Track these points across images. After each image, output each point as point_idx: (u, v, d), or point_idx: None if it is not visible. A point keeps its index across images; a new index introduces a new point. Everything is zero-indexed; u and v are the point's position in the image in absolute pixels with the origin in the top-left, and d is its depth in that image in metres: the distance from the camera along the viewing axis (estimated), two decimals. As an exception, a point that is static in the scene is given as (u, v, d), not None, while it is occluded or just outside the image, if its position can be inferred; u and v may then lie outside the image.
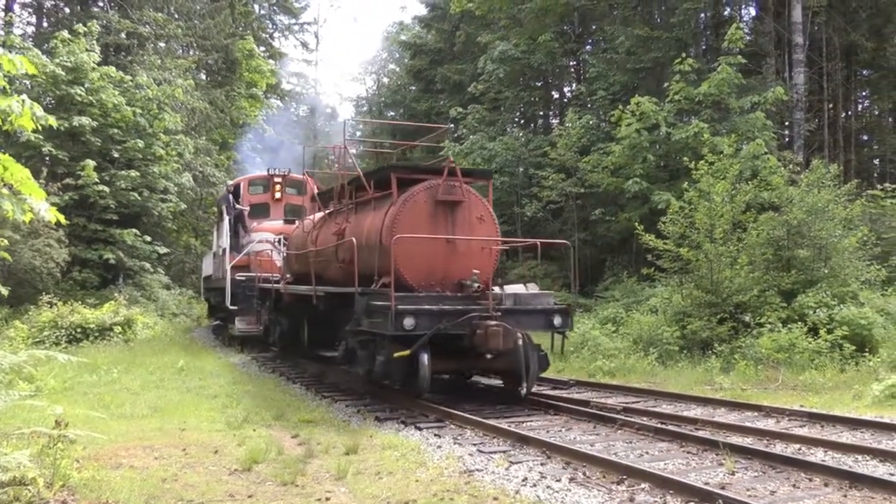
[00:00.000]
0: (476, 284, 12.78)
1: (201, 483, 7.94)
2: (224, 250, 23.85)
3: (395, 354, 11.82)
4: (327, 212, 17.07)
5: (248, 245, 23.12)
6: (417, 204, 13.12)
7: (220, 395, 13.98)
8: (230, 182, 24.82)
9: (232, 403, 12.93)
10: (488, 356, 12.21)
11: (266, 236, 22.85)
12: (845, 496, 7.56)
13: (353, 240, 13.25)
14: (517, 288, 14.04)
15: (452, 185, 13.36)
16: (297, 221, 21.28)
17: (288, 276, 19.55)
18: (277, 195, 25.01)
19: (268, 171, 25.76)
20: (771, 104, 25.30)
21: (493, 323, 11.90)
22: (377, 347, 12.60)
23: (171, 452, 9.29)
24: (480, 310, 12.21)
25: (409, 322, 11.63)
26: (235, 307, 22.03)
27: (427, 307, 12.04)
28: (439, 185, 13.25)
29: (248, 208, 24.31)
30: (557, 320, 13.13)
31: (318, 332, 17.81)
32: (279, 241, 21.91)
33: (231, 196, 24.42)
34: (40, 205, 6.37)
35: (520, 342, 12.24)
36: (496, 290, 13.18)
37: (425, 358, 12.06)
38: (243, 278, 21.89)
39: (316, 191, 23.05)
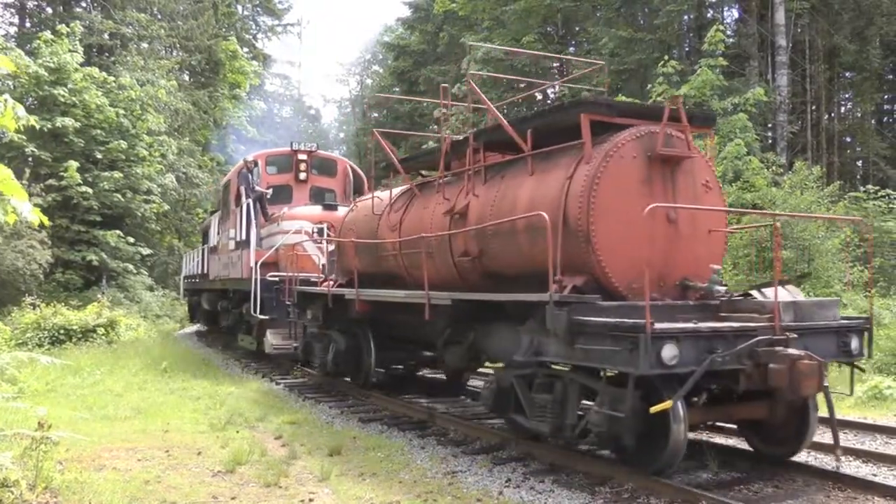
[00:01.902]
0: (720, 287, 8.67)
1: (184, 485, 7.92)
2: (242, 242, 19.49)
3: (655, 408, 7.18)
4: (413, 185, 12.35)
5: (272, 236, 18.72)
6: (624, 161, 8.51)
7: (203, 396, 13.93)
8: (249, 156, 20.48)
9: (215, 405, 12.89)
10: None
11: (300, 225, 18.21)
12: (828, 496, 7.59)
13: (543, 215, 8.10)
14: (786, 294, 8.84)
15: (673, 135, 8.87)
16: (351, 204, 16.14)
17: (334, 276, 14.98)
18: (302, 175, 20.89)
19: (291, 145, 21.58)
20: (752, 105, 25.41)
21: (800, 353, 7.43)
22: (570, 391, 8.41)
23: (154, 454, 9.28)
24: (766, 330, 7.67)
25: (670, 352, 7.07)
26: (265, 317, 17.34)
27: (691, 327, 7.45)
28: (657, 134, 8.64)
29: (269, 191, 20.15)
30: (854, 344, 8.48)
31: (391, 355, 14.07)
32: (316, 232, 17.83)
33: (250, 174, 19.76)
34: (23, 206, 6.35)
35: None
36: (756, 295, 8.81)
37: (681, 410, 7.44)
38: (276, 279, 17.23)
39: (351, 171, 21.44)
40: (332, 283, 14.54)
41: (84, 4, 39.94)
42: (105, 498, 7.22)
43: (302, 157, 20.93)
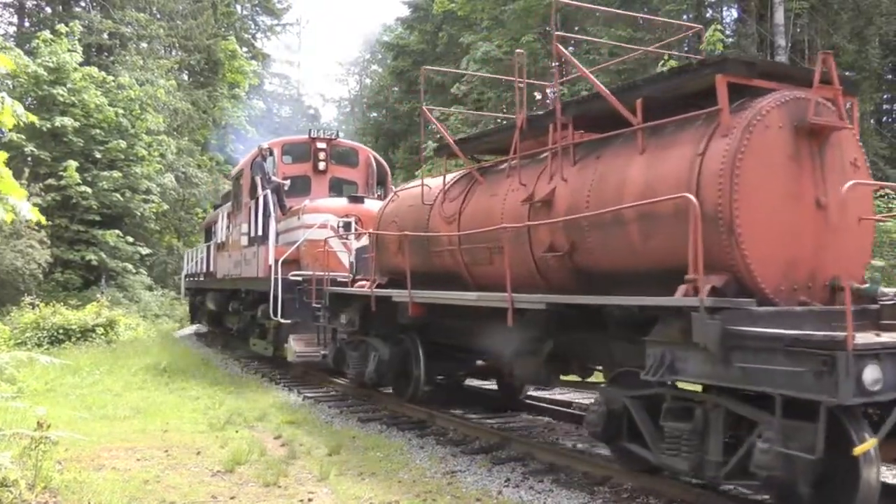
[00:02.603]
0: (889, 290, 7.18)
1: (184, 484, 7.93)
2: (257, 238, 17.80)
3: (859, 449, 5.71)
4: (474, 170, 10.78)
5: (291, 231, 17.11)
6: (770, 133, 6.89)
7: (202, 396, 13.93)
8: (264, 144, 18.89)
9: (214, 405, 12.89)
10: None
11: (324, 219, 16.42)
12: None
13: (690, 198, 6.43)
14: None
15: (821, 102, 7.15)
16: (390, 194, 14.43)
17: (365, 276, 13.51)
18: (321, 166, 19.19)
19: (309, 133, 19.93)
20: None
21: None
22: (713, 420, 6.68)
23: (153, 454, 9.28)
24: None
25: (872, 374, 5.62)
26: (288, 321, 15.61)
27: (893, 342, 5.90)
28: (804, 101, 7.00)
29: (287, 182, 18.44)
30: None
31: (441, 365, 12.44)
32: (342, 226, 16.21)
33: (265, 163, 18.11)
34: (21, 204, 6.35)
35: None
36: None
37: (873, 450, 5.90)
38: (299, 279, 15.67)
39: (374, 161, 19.81)
40: (368, 283, 12.79)
41: (83, 4, 39.94)
42: (104, 497, 7.22)
43: (321, 145, 19.27)
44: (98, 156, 29.79)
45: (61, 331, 21.16)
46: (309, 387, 15.40)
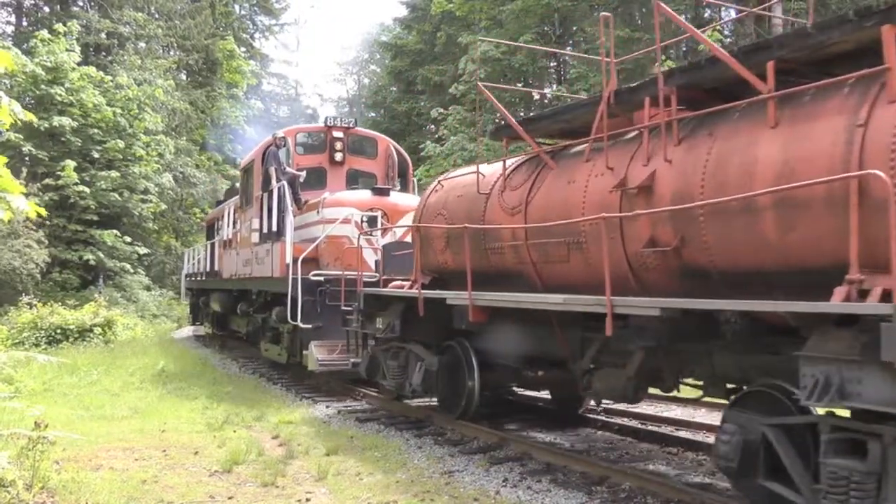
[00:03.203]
0: None
1: (181, 484, 7.92)
2: (270, 234, 16.33)
3: None
4: (542, 152, 9.25)
5: (309, 227, 15.78)
6: None
7: (200, 396, 13.90)
8: (279, 132, 17.35)
9: (212, 405, 12.88)
10: None
11: (347, 213, 15.02)
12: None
13: (880, 175, 5.16)
14: None
15: None
16: (433, 183, 12.11)
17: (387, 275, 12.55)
18: (338, 156, 17.76)
19: (325, 121, 18.43)
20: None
21: None
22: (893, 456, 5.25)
23: (151, 454, 9.28)
24: None
25: None
26: (308, 325, 14.21)
27: None
28: None
29: (303, 173, 16.91)
30: None
31: (495, 376, 10.94)
32: (366, 221, 14.91)
33: (279, 153, 16.67)
34: (17, 199, 6.33)
35: None
36: None
37: None
38: (321, 279, 14.41)
39: (394, 152, 18.32)
40: (408, 283, 11.68)
41: (81, 3, 39.83)
42: (102, 498, 7.22)
43: (337, 134, 17.78)
44: (96, 155, 29.81)
45: (59, 331, 21.17)
46: (306, 387, 15.30)
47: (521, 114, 43.28)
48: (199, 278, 26.86)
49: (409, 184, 18.10)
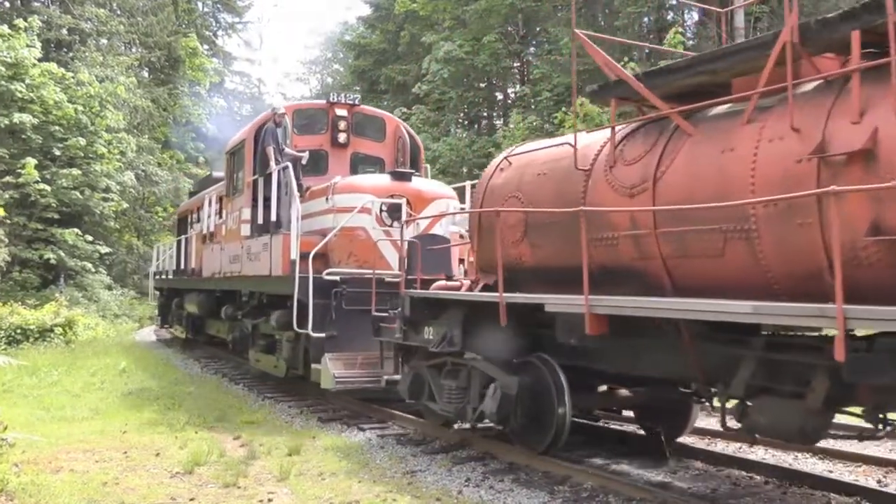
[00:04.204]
0: None
1: (142, 486, 7.90)
2: (266, 226, 14.13)
3: None
4: (674, 113, 7.03)
5: (314, 217, 13.52)
6: None
7: (162, 396, 13.84)
8: (277, 106, 15.24)
9: (174, 405, 12.83)
10: None
11: (364, 200, 12.88)
12: (785, 493, 7.71)
13: None
14: None
15: None
16: (497, 159, 9.92)
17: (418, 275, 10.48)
18: (342, 138, 15.54)
19: (328, 97, 16.09)
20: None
21: None
22: None
23: (112, 455, 9.23)
24: None
25: None
26: (321, 335, 12.03)
27: None
28: None
29: (305, 154, 14.76)
30: None
31: (587, 398, 9.45)
32: (385, 209, 12.99)
33: (278, 130, 14.41)
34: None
35: None
36: None
37: None
38: (337, 279, 12.31)
39: (405, 134, 16.09)
40: (468, 285, 10.01)
41: (42, -1, 39.49)
42: (62, 500, 7.19)
43: (341, 112, 15.59)
44: (57, 153, 29.49)
45: (19, 331, 20.98)
46: (268, 387, 15.23)
47: (485, 113, 43.59)
48: (168, 276, 25.37)
49: (422, 171, 15.96)
